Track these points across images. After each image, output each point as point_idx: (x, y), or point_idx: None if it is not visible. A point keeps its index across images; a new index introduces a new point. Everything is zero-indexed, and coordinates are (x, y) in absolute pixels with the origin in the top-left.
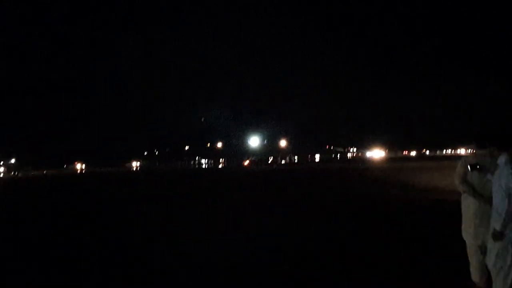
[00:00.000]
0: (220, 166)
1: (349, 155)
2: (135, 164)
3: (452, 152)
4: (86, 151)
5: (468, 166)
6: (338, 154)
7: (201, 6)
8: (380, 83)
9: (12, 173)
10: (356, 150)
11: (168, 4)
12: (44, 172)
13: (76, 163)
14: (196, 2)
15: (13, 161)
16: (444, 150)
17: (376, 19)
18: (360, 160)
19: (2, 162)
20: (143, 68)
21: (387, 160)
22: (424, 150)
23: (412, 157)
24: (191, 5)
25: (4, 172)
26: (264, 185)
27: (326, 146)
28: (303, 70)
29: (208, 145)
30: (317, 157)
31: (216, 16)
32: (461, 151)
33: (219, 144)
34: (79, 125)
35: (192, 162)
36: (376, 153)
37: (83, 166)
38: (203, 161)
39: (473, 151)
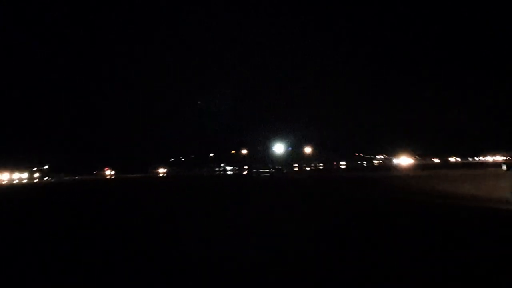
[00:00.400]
0: (245, 172)
1: (375, 162)
2: (162, 171)
3: (490, 159)
4: (115, 158)
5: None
6: (364, 162)
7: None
8: (407, 90)
9: (46, 178)
10: (384, 157)
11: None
12: (76, 177)
13: (105, 169)
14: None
15: (46, 167)
16: (475, 157)
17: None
18: (391, 168)
19: (36, 168)
20: (169, 77)
21: (421, 167)
22: (455, 157)
23: (446, 164)
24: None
25: (39, 177)
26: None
27: (355, 154)
28: (333, 76)
29: (233, 152)
30: (343, 164)
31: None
32: (497, 157)
33: (244, 151)
34: (108, 133)
35: (216, 169)
36: (404, 160)
37: (112, 172)
38: (228, 167)
39: None
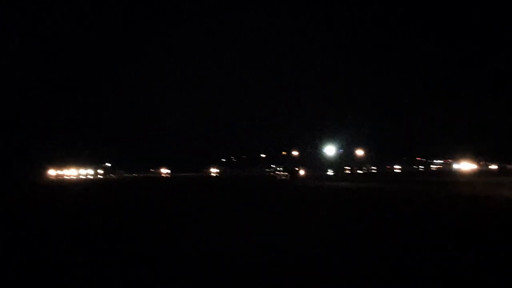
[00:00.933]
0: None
1: (433, 166)
2: (214, 170)
3: None
4: (172, 158)
5: None
6: (421, 166)
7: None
8: (469, 93)
9: (109, 174)
10: (444, 161)
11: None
12: (134, 174)
13: (161, 168)
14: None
15: (109, 164)
16: None
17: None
18: (452, 173)
19: (100, 165)
20: (220, 78)
21: (485, 174)
22: None
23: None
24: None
25: (102, 174)
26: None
27: (416, 158)
28: (382, 75)
29: (285, 153)
30: (398, 168)
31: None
32: None
33: (295, 152)
34: (165, 133)
35: (266, 170)
36: (465, 166)
37: (168, 171)
38: (278, 168)
39: None
